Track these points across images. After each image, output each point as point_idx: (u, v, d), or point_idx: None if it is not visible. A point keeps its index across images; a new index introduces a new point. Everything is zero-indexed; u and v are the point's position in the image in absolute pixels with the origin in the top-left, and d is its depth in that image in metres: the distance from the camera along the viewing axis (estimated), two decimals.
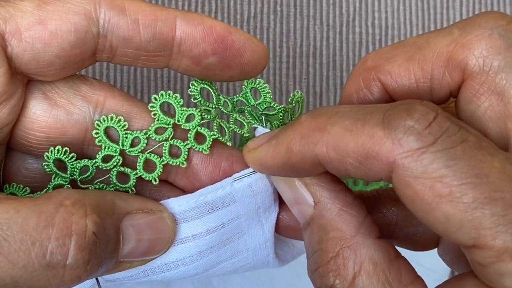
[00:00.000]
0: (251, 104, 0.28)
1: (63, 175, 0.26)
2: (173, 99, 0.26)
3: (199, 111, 0.26)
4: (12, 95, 0.25)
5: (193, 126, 0.26)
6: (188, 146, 0.26)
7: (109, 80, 0.43)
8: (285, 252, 0.30)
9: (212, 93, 0.27)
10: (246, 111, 0.28)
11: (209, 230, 0.26)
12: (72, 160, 0.26)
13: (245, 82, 0.28)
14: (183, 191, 0.27)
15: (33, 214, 0.22)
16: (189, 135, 0.26)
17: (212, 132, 0.26)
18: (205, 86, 0.27)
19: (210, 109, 0.27)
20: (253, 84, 0.28)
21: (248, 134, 0.27)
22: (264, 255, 0.28)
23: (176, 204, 0.26)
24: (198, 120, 0.26)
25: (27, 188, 0.26)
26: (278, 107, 0.28)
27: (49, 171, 0.26)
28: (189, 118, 0.26)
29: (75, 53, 0.25)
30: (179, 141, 0.26)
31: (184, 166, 0.26)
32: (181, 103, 0.26)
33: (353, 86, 0.26)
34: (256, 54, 0.26)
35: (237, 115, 0.28)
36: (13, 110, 0.25)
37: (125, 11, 0.25)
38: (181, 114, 0.26)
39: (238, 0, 0.44)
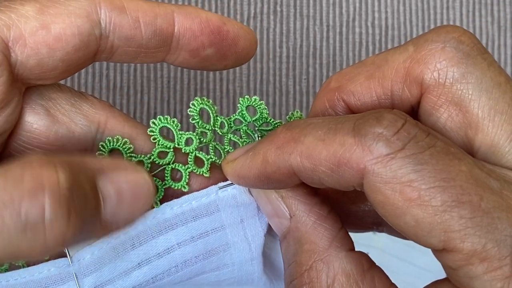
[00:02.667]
0: (248, 121, 0.28)
1: None
2: (171, 123, 0.27)
3: (196, 135, 0.27)
4: (9, 104, 0.24)
5: (192, 150, 0.27)
6: (189, 170, 0.27)
7: (109, 80, 0.43)
8: (274, 274, 0.30)
9: (211, 114, 0.27)
10: (241, 130, 0.28)
11: (194, 237, 0.26)
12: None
13: (240, 100, 0.28)
14: None
15: None
16: (189, 159, 0.27)
17: (209, 156, 0.27)
18: (205, 106, 0.27)
19: (207, 131, 0.27)
20: (248, 102, 0.28)
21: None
22: (249, 272, 0.28)
23: (160, 212, 0.26)
24: (197, 144, 0.27)
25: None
26: (274, 122, 0.28)
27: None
28: (187, 142, 0.27)
29: (78, 56, 0.25)
30: (181, 164, 0.27)
31: (186, 190, 0.26)
32: (179, 127, 0.27)
33: (319, 107, 0.26)
34: (248, 42, 0.27)
35: (232, 135, 0.28)
36: (9, 118, 0.24)
37: (125, 10, 0.25)
38: (180, 138, 0.27)
39: (238, 0, 0.44)
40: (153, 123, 0.26)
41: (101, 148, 0.26)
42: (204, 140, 0.27)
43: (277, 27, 0.44)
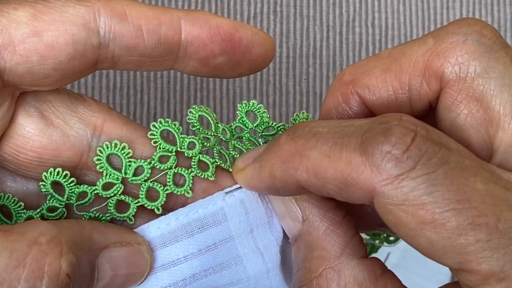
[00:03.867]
0: (249, 127, 0.28)
1: (60, 198, 0.25)
2: (173, 126, 0.26)
3: (199, 139, 0.26)
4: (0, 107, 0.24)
5: (195, 154, 0.25)
6: (193, 174, 0.25)
7: (109, 80, 0.43)
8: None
9: (211, 120, 0.26)
10: (244, 137, 0.27)
11: (201, 250, 0.25)
12: (72, 184, 0.25)
13: (238, 107, 0.27)
14: None
15: (4, 252, 0.20)
16: (192, 163, 0.25)
17: (214, 159, 0.26)
18: (203, 113, 0.26)
19: (209, 136, 0.26)
20: (247, 107, 0.27)
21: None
22: (266, 286, 0.27)
23: (165, 222, 0.25)
24: (200, 148, 0.25)
25: (21, 203, 0.25)
26: (277, 125, 0.27)
27: (45, 191, 0.25)
28: (190, 146, 0.26)
29: (73, 65, 0.23)
30: (183, 169, 0.25)
31: (189, 196, 0.25)
32: (180, 131, 0.26)
33: (332, 102, 0.25)
34: (264, 48, 0.25)
35: (236, 142, 0.27)
36: (1, 121, 0.24)
37: (127, 18, 0.24)
38: (183, 141, 0.26)
39: (238, 0, 0.44)
40: (154, 126, 0.25)
41: (99, 153, 0.25)
42: (208, 144, 0.26)
43: (277, 27, 0.44)
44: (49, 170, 0.25)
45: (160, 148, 0.25)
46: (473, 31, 0.23)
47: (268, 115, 0.28)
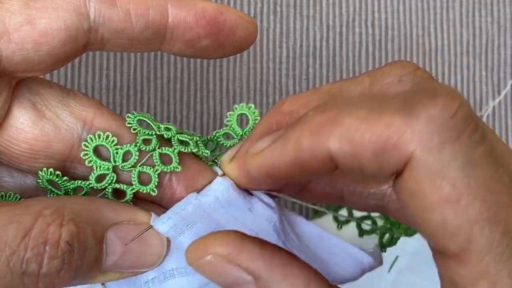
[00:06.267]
0: (239, 134, 0.28)
1: (58, 192, 0.26)
2: (146, 116, 0.27)
3: (173, 127, 0.27)
4: None
5: (173, 134, 0.26)
6: (177, 151, 0.26)
7: (109, 80, 0.43)
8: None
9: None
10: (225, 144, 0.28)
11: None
12: (65, 182, 0.26)
13: (228, 116, 0.28)
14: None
15: (12, 225, 0.22)
16: (173, 142, 0.26)
17: (191, 137, 0.26)
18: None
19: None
20: (241, 110, 0.28)
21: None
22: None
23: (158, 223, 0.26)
24: (175, 129, 0.26)
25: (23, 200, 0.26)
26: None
27: (43, 187, 0.26)
28: (167, 129, 0.26)
29: (66, 49, 0.24)
30: (167, 148, 0.26)
31: (179, 170, 0.26)
32: (152, 118, 0.27)
33: (266, 127, 0.25)
34: (247, 30, 0.26)
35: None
36: None
37: (116, 3, 0.24)
38: (158, 126, 0.26)
39: (238, 0, 0.44)
40: (128, 116, 0.26)
41: (85, 147, 0.25)
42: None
43: (277, 27, 0.44)
44: (43, 170, 0.25)
45: (141, 133, 0.26)
46: (407, 73, 0.23)
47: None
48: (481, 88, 0.45)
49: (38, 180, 0.26)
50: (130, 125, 0.26)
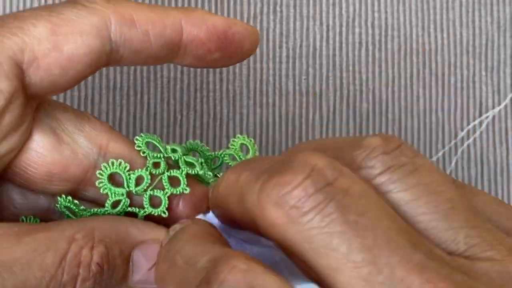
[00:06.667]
0: (199, 162, 0.29)
1: (73, 217, 0.27)
2: (153, 137, 0.27)
3: (180, 146, 0.28)
4: (23, 124, 0.25)
5: (180, 156, 0.27)
6: (185, 172, 0.27)
7: (109, 80, 0.43)
8: None
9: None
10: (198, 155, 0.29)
11: None
12: (82, 211, 0.27)
13: (232, 142, 0.29)
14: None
15: (49, 252, 0.23)
16: (180, 164, 0.27)
17: (197, 159, 0.28)
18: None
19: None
20: (243, 140, 0.29)
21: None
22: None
23: None
24: (182, 151, 0.27)
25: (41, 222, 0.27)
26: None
27: (61, 211, 0.27)
28: (173, 151, 0.27)
29: (89, 71, 0.25)
30: (175, 170, 0.27)
31: (187, 192, 0.27)
32: (159, 140, 0.28)
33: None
34: (253, 41, 0.27)
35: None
36: (21, 138, 0.25)
37: (135, 24, 0.25)
38: (165, 148, 0.27)
39: (238, 0, 0.44)
40: (137, 139, 0.27)
41: (99, 176, 0.26)
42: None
43: (277, 27, 0.44)
44: (61, 196, 0.26)
45: (150, 156, 0.27)
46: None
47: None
48: (481, 88, 0.45)
49: (56, 205, 0.27)
50: (139, 149, 0.27)
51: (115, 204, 0.27)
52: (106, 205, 0.27)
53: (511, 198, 0.44)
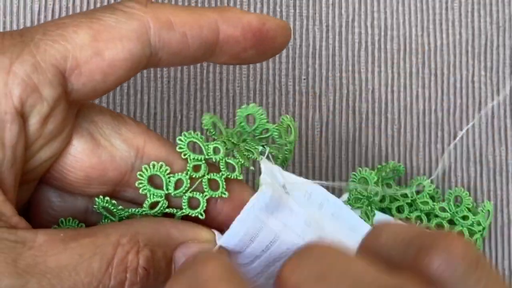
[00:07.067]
0: (248, 131, 0.29)
1: (112, 218, 0.27)
2: (196, 136, 0.27)
3: (221, 142, 0.27)
4: (65, 129, 0.25)
5: (221, 157, 0.27)
6: (224, 176, 0.27)
7: None
8: None
9: (221, 127, 0.28)
10: (247, 140, 0.29)
11: (258, 256, 0.27)
12: (120, 211, 0.27)
13: (238, 112, 0.29)
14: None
15: (96, 257, 0.23)
16: (221, 167, 0.27)
17: (237, 159, 0.27)
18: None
19: (225, 140, 0.28)
20: (247, 111, 0.29)
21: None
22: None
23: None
24: (224, 151, 0.27)
25: (82, 224, 0.27)
26: (273, 126, 0.29)
27: (99, 212, 0.27)
28: (215, 151, 0.27)
29: (129, 75, 0.25)
30: (215, 174, 0.27)
31: (226, 196, 0.27)
32: (203, 139, 0.27)
33: None
34: (286, 36, 0.27)
35: (244, 144, 0.28)
36: (63, 143, 0.25)
37: (173, 26, 0.25)
38: (208, 148, 0.27)
39: (238, 1, 0.44)
40: (180, 140, 0.27)
41: (140, 177, 0.26)
42: (228, 146, 0.27)
43: None
44: (99, 198, 0.26)
45: (191, 159, 0.27)
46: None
47: (265, 118, 0.29)
48: (480, 88, 0.45)
49: (94, 206, 0.26)
50: (181, 150, 0.26)
51: (153, 205, 0.27)
52: (144, 205, 0.26)
53: (511, 198, 0.44)
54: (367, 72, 0.44)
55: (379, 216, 0.39)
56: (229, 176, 0.27)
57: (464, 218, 0.41)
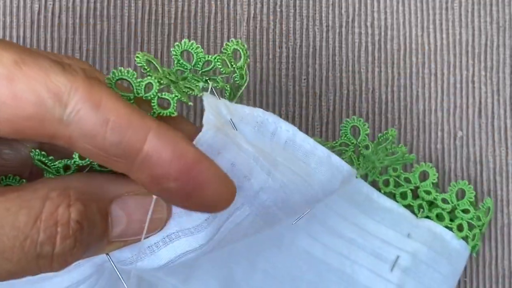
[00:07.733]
0: (189, 68, 0.28)
1: (51, 171, 0.27)
2: (126, 73, 0.25)
3: (155, 79, 0.25)
4: None
5: (154, 94, 0.25)
6: (156, 115, 0.26)
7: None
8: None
9: (156, 64, 0.26)
10: (188, 78, 0.28)
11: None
12: (51, 161, 0.26)
13: (172, 51, 0.27)
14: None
15: (23, 211, 0.23)
16: (152, 104, 0.26)
17: (173, 95, 0.26)
18: (149, 59, 0.26)
19: (162, 78, 0.26)
20: (181, 48, 0.28)
21: (201, 94, 0.27)
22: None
23: None
24: (157, 87, 0.25)
25: (23, 180, 0.27)
26: (214, 57, 0.28)
27: (38, 166, 0.27)
28: (147, 88, 0.26)
29: (29, 125, 0.23)
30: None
31: (174, 115, 0.26)
32: (135, 76, 0.25)
33: None
34: (219, 193, 0.24)
35: (183, 82, 0.27)
36: None
37: (99, 108, 0.23)
38: (139, 86, 0.25)
39: (238, 0, 0.44)
40: (108, 79, 0.26)
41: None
42: (164, 82, 0.26)
43: (277, 27, 0.44)
44: (33, 152, 0.26)
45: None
46: None
47: (202, 50, 0.28)
48: (480, 88, 0.45)
49: (34, 161, 0.26)
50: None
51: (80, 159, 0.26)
52: (74, 156, 0.25)
53: (510, 198, 0.44)
54: (367, 72, 0.44)
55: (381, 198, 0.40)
56: (161, 114, 0.25)
57: (465, 211, 0.41)
